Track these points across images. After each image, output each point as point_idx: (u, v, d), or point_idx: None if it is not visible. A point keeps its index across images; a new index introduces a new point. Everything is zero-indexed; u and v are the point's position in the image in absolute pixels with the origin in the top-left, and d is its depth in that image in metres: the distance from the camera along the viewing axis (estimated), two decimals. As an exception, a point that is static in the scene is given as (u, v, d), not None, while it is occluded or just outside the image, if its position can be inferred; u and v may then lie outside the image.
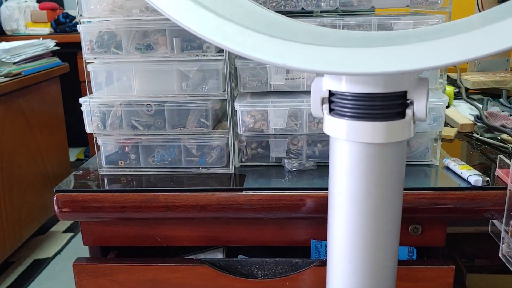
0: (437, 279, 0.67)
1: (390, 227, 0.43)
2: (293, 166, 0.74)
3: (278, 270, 0.70)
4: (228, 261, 0.71)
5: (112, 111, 0.75)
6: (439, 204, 0.66)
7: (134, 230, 0.74)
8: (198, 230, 0.73)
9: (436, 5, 0.72)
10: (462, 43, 0.32)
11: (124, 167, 0.78)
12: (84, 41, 0.73)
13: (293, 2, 0.72)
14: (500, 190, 0.66)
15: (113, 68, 0.74)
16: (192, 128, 0.75)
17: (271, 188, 0.69)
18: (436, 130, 0.74)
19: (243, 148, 0.77)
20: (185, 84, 0.73)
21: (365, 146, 0.40)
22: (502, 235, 0.64)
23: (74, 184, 0.74)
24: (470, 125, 0.93)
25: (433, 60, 0.33)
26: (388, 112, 0.39)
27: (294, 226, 0.72)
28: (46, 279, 1.86)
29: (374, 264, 0.43)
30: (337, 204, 0.43)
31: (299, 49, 0.36)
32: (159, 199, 0.69)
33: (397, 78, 0.38)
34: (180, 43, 0.71)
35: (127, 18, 0.71)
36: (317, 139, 0.75)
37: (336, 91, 0.40)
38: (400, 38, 0.39)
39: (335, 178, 0.42)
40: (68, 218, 0.73)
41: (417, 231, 0.70)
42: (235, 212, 0.68)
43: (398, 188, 0.42)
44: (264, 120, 0.73)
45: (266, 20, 0.46)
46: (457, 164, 0.71)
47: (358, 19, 0.70)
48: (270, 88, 0.74)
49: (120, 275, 0.71)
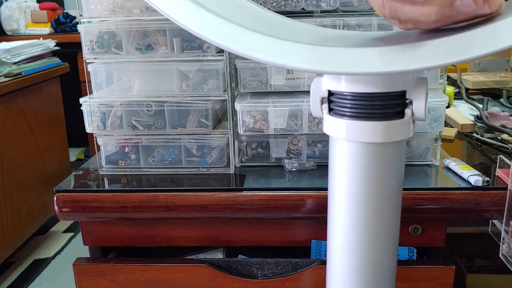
0: (437, 279, 0.67)
1: (390, 227, 0.43)
2: (293, 166, 0.75)
3: (278, 270, 0.70)
4: (228, 261, 0.71)
5: (112, 111, 0.75)
6: (439, 204, 0.66)
7: (134, 230, 0.74)
8: (198, 230, 0.73)
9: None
10: (462, 42, 0.32)
11: (124, 167, 0.78)
12: (84, 41, 0.73)
13: (293, 2, 0.72)
14: (500, 190, 0.66)
15: (113, 68, 0.74)
16: (192, 128, 0.75)
17: (271, 188, 0.69)
18: (436, 130, 0.74)
19: (243, 148, 0.77)
20: (185, 84, 0.73)
21: (365, 146, 0.40)
22: (502, 235, 0.64)
23: (74, 184, 0.74)
24: (470, 125, 0.93)
25: (433, 59, 0.33)
26: (387, 112, 0.39)
27: (294, 226, 0.72)
28: (46, 279, 1.86)
29: (374, 264, 0.43)
30: (337, 204, 0.43)
31: (299, 49, 0.36)
32: (159, 199, 0.69)
33: (396, 78, 0.38)
34: (180, 43, 0.71)
35: (127, 18, 0.71)
36: (317, 139, 0.75)
37: (335, 91, 0.40)
38: (399, 38, 0.39)
39: (335, 178, 0.43)
40: (68, 218, 0.73)
41: (417, 231, 0.70)
42: (235, 212, 0.68)
43: (397, 187, 0.42)
44: (264, 120, 0.73)
45: (266, 20, 0.46)
46: (457, 164, 0.71)
47: (358, 19, 0.70)
48: (270, 88, 0.74)
49: (120, 275, 0.71)
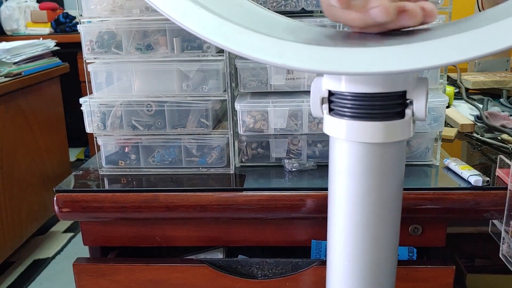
0: (437, 279, 0.67)
1: (390, 227, 0.43)
2: (293, 166, 0.74)
3: (278, 270, 0.70)
4: (228, 261, 0.71)
5: (112, 111, 0.75)
6: (439, 204, 0.66)
7: (134, 230, 0.74)
8: (198, 230, 0.73)
9: (436, 5, 0.72)
10: (462, 42, 0.32)
11: (124, 167, 0.78)
12: (84, 41, 0.73)
13: (293, 2, 0.72)
14: (500, 190, 0.65)
15: (113, 68, 0.74)
16: (192, 128, 0.75)
17: (271, 188, 0.69)
18: (436, 130, 0.74)
19: (243, 148, 0.77)
20: (185, 84, 0.73)
21: (365, 146, 0.40)
22: (502, 235, 0.64)
23: (74, 184, 0.74)
24: (470, 125, 0.93)
25: (433, 59, 0.33)
26: (387, 112, 0.39)
27: (294, 226, 0.72)
28: (46, 279, 1.86)
29: (374, 264, 0.43)
30: (337, 204, 0.43)
31: (299, 49, 0.36)
32: (159, 199, 0.69)
33: (396, 78, 0.38)
34: (180, 43, 0.71)
35: (127, 18, 0.71)
36: (317, 139, 0.75)
37: (335, 91, 0.40)
38: (399, 38, 0.39)
39: (335, 178, 0.42)
40: (68, 218, 0.73)
41: (417, 231, 0.70)
42: (235, 212, 0.68)
43: (397, 188, 0.42)
44: (264, 120, 0.73)
45: (266, 20, 0.46)
46: (457, 164, 0.71)
47: (358, 19, 0.70)
48: (270, 88, 0.74)
49: (120, 275, 0.71)
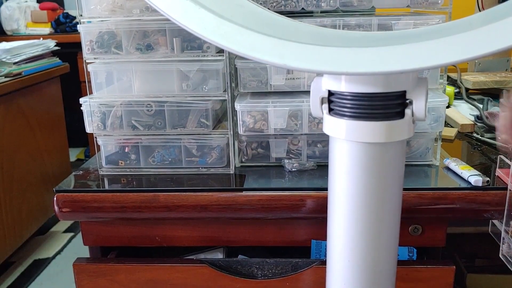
0: (437, 279, 0.67)
1: (390, 227, 0.43)
2: (293, 166, 0.74)
3: (278, 270, 0.70)
4: (228, 261, 0.71)
5: (112, 111, 0.75)
6: (439, 204, 0.66)
7: (134, 230, 0.74)
8: (198, 230, 0.73)
9: (436, 5, 0.72)
10: (462, 42, 0.32)
11: (124, 167, 0.78)
12: (84, 41, 0.73)
13: (293, 2, 0.72)
14: (500, 190, 0.65)
15: (113, 68, 0.74)
16: (192, 128, 0.75)
17: (271, 188, 0.69)
18: (436, 130, 0.74)
19: (243, 148, 0.77)
20: (185, 84, 0.73)
21: (365, 146, 0.40)
22: (502, 235, 0.63)
23: (74, 184, 0.74)
24: (471, 125, 0.93)
25: (433, 59, 0.33)
26: (387, 112, 0.39)
27: (294, 226, 0.72)
28: (46, 279, 1.86)
29: (374, 264, 0.43)
30: (336, 204, 0.43)
31: (299, 49, 0.36)
32: (159, 199, 0.69)
33: (396, 78, 0.38)
34: (180, 43, 0.71)
35: (127, 18, 0.71)
36: (317, 139, 0.75)
37: (335, 91, 0.40)
38: (399, 38, 0.39)
39: (335, 178, 0.42)
40: (68, 218, 0.73)
41: (417, 231, 0.70)
42: (235, 212, 0.68)
43: (397, 188, 0.42)
44: (264, 120, 0.73)
45: (266, 20, 0.46)
46: (457, 164, 0.71)
47: (358, 19, 0.70)
48: (270, 88, 0.74)
49: (120, 275, 0.71)
